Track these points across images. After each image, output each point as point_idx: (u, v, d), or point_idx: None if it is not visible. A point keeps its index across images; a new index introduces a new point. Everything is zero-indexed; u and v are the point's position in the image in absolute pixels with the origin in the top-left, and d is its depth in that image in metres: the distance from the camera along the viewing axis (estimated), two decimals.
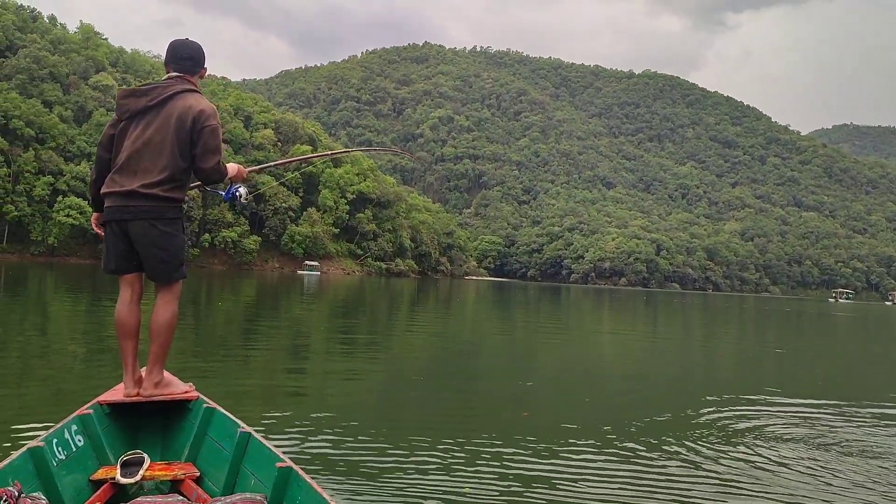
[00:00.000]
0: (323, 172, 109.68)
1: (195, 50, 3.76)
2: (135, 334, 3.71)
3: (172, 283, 3.74)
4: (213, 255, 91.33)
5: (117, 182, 3.51)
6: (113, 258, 3.65)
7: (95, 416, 3.47)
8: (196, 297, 30.95)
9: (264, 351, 12.50)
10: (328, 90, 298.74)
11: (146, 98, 3.54)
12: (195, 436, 3.59)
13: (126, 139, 3.55)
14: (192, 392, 3.80)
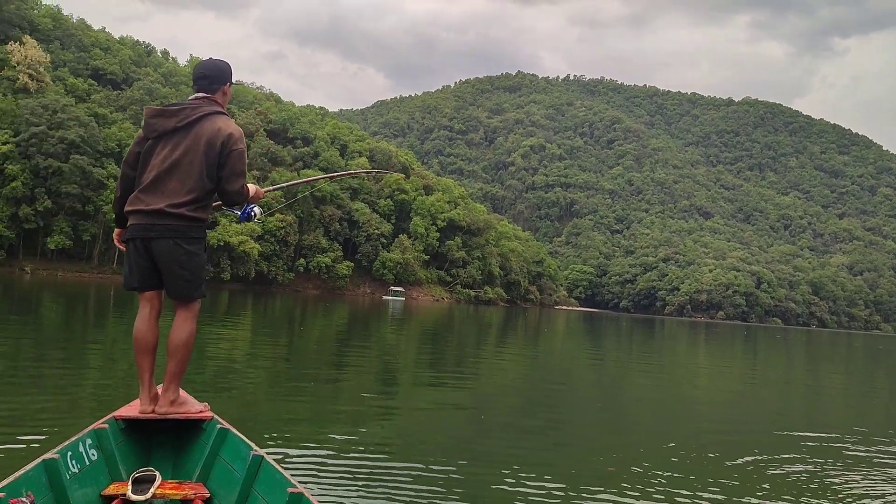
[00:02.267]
0: (414, 200, 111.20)
1: (211, 69, 3.81)
2: (152, 351, 3.71)
3: (192, 302, 3.72)
4: (307, 279, 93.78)
5: (143, 200, 3.54)
6: (136, 275, 3.64)
7: (110, 430, 3.47)
8: (290, 319, 31.76)
9: (351, 376, 12.61)
10: (421, 119, 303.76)
11: (175, 119, 3.59)
12: (207, 456, 3.57)
13: (153, 158, 3.59)
14: (206, 412, 3.78)
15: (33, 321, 20.04)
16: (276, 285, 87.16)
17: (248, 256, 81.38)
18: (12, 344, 13.73)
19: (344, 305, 54.59)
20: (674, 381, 17.35)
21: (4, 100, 74.34)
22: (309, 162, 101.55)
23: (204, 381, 10.15)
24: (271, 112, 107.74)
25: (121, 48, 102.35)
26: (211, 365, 12.49)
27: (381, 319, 38.10)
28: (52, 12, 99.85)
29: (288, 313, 36.73)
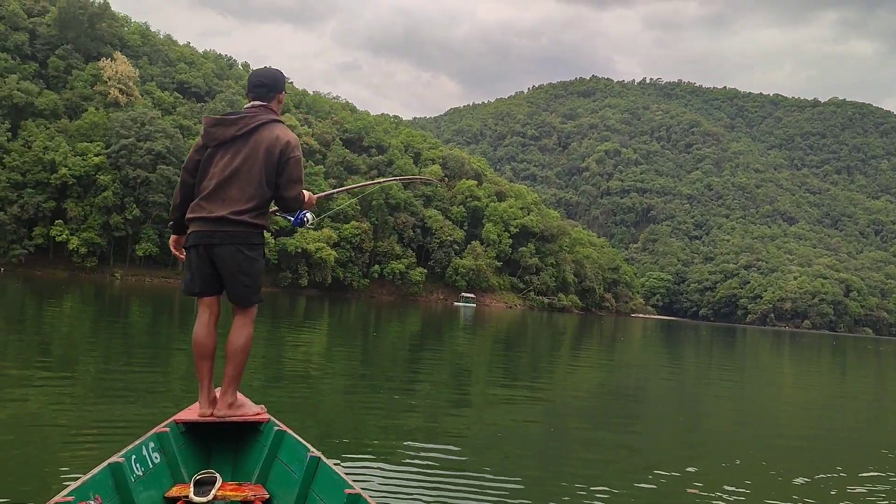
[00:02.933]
0: (487, 207, 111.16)
1: (267, 77, 3.90)
2: (211, 355, 3.78)
3: (251, 307, 3.79)
4: (381, 285, 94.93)
5: (205, 208, 3.61)
6: (197, 281, 3.71)
7: (171, 434, 3.53)
8: (365, 325, 32.17)
9: (421, 383, 12.65)
10: (494, 126, 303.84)
11: (234, 127, 3.65)
12: (265, 458, 3.61)
13: (213, 166, 3.66)
14: (263, 414, 3.83)
15: (122, 324, 20.92)
16: (351, 291, 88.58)
17: (325, 263, 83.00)
18: (103, 346, 14.37)
19: (417, 312, 54.98)
20: (756, 395, 16.74)
21: (97, 113, 78.09)
22: (383, 170, 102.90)
23: (277, 385, 10.37)
24: (347, 121, 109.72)
25: (204, 62, 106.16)
26: (287, 369, 12.75)
27: (453, 326, 38.18)
28: (140, 29, 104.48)
29: (362, 319, 37.22)
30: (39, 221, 71.08)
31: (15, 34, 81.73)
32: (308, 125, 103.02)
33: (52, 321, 19.56)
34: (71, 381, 9.36)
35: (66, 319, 20.97)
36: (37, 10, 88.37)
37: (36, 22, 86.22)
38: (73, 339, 15.44)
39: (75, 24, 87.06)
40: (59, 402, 7.68)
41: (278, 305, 43.86)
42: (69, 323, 19.90)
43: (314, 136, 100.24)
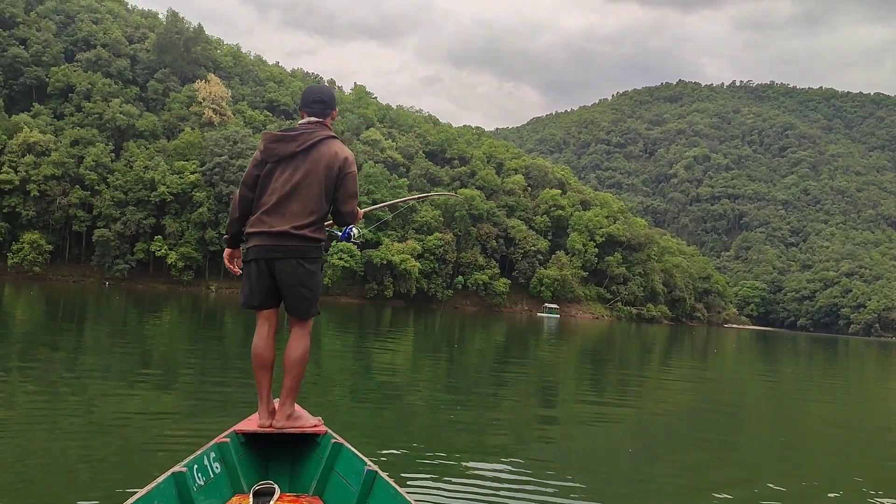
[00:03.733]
0: (571, 216, 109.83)
1: (326, 94, 3.98)
2: (270, 367, 3.85)
3: (308, 320, 3.86)
4: (465, 296, 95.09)
5: (266, 223, 3.68)
6: (257, 294, 3.78)
7: (232, 444, 3.59)
8: (449, 336, 32.25)
9: (504, 396, 12.52)
10: (578, 134, 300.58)
11: (294, 143, 3.73)
12: (322, 470, 3.64)
13: (273, 182, 3.72)
14: (320, 426, 3.86)
15: (217, 336, 21.67)
16: (435, 302, 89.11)
17: (409, 274, 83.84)
18: (199, 356, 14.90)
19: (500, 323, 54.74)
20: (864, 413, 15.81)
21: (192, 133, 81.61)
22: (466, 181, 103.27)
23: (362, 396, 10.47)
24: (429, 134, 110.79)
25: (292, 80, 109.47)
26: (371, 380, 12.88)
27: (537, 338, 37.80)
28: (232, 51, 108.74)
29: (446, 330, 37.34)
30: (141, 237, 74.67)
31: (117, 60, 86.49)
32: (392, 139, 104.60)
33: (152, 333, 20.44)
34: (167, 389, 9.72)
35: (164, 331, 21.88)
36: (137, 37, 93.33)
37: (136, 48, 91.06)
38: (171, 350, 16.08)
39: (172, 48, 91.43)
40: (156, 410, 7.97)
41: (364, 316, 44.58)
42: (168, 334, 20.76)
43: (398, 149, 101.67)
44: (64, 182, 71.77)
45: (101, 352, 14.72)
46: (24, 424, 6.73)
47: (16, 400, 8.16)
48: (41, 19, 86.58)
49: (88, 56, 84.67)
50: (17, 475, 5.05)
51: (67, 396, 8.64)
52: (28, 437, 6.27)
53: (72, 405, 8.04)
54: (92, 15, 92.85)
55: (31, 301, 33.42)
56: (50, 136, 73.42)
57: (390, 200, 5.75)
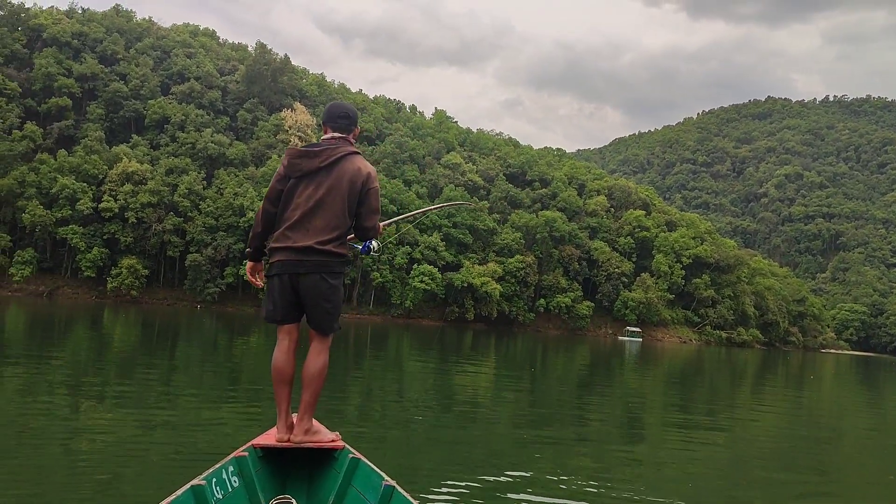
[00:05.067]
0: (657, 237, 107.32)
1: (350, 110, 4.01)
2: (290, 381, 3.87)
3: (329, 335, 3.87)
4: (547, 319, 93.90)
5: (290, 238, 3.70)
6: (280, 309, 3.79)
7: (250, 458, 3.60)
8: (532, 359, 31.84)
9: (593, 418, 12.18)
10: (662, 154, 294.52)
11: (318, 159, 3.75)
12: (340, 485, 3.64)
13: (298, 197, 3.75)
14: (338, 441, 3.85)
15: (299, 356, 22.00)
16: (517, 325, 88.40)
17: (490, 297, 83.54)
18: None
19: (583, 346, 53.78)
20: None
21: (279, 161, 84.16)
22: (547, 203, 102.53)
23: (443, 417, 10.36)
24: (510, 156, 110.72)
25: (375, 107, 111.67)
26: (455, 402, 12.77)
27: (620, 362, 36.89)
28: (317, 80, 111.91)
29: (528, 353, 36.91)
30: (230, 261, 77.18)
31: (209, 92, 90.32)
32: (472, 162, 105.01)
33: (239, 353, 20.98)
34: (252, 406, 9.87)
35: (251, 351, 22.42)
36: (228, 70, 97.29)
37: (227, 80, 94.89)
38: (257, 372, 16.42)
39: (260, 79, 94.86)
40: (240, 422, 8.08)
41: (446, 339, 44.59)
42: (254, 355, 21.26)
43: (478, 172, 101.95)
44: (159, 209, 75.08)
45: (192, 371, 15.16)
46: (121, 431, 6.92)
47: (114, 411, 8.44)
48: (139, 55, 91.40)
49: (182, 89, 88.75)
50: (114, 477, 5.15)
51: (159, 411, 8.88)
52: (123, 442, 6.44)
53: (164, 418, 8.25)
54: (186, 50, 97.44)
55: (128, 324, 34.94)
56: (147, 165, 77.09)
57: (406, 213, 5.75)
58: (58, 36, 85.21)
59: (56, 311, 41.31)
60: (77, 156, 74.82)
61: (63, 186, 70.44)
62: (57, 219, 70.25)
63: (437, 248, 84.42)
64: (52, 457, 6.28)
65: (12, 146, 72.29)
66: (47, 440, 6.87)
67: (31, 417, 8.10)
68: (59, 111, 79.84)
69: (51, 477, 5.64)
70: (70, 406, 9.18)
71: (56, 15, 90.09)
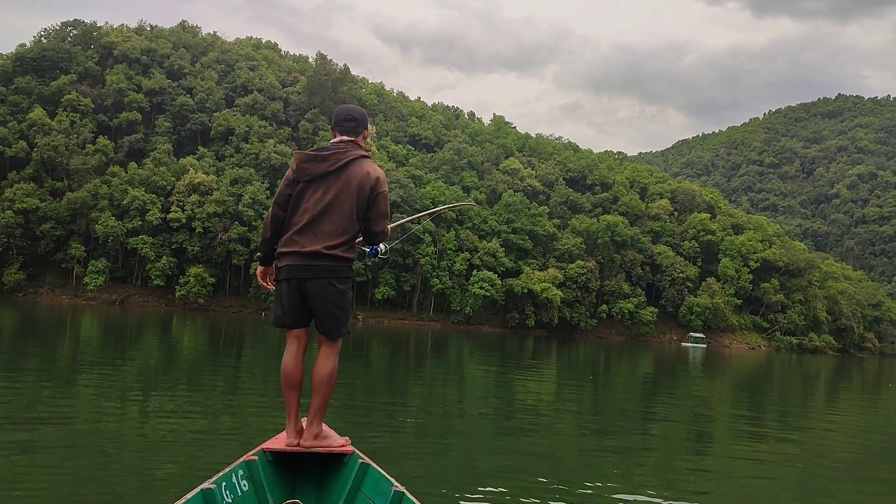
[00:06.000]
0: (722, 241, 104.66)
1: (357, 113, 3.98)
2: (299, 386, 3.86)
3: (338, 339, 3.87)
4: (610, 325, 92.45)
5: (298, 242, 3.70)
6: (288, 314, 3.79)
7: (260, 462, 3.61)
8: (594, 366, 31.37)
9: (657, 429, 11.86)
10: (727, 156, 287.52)
11: (327, 163, 3.74)
12: (349, 490, 3.64)
13: (305, 201, 3.74)
14: (347, 446, 3.85)
15: (363, 362, 22.19)
16: (578, 332, 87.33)
17: (551, 303, 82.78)
18: (347, 382, 15.23)
19: (646, 353, 52.76)
20: None
21: None
22: (608, 207, 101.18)
23: (505, 426, 10.22)
24: (570, 161, 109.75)
25: (433, 114, 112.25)
26: (515, 409, 12.62)
27: (686, 369, 36.01)
28: (377, 89, 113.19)
29: (590, 360, 36.39)
30: None
31: (272, 103, 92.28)
32: (531, 167, 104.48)
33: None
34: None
35: (314, 359, 22.67)
36: (289, 81, 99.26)
37: (289, 91, 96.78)
38: None
39: (321, 89, 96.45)
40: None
41: (506, 346, 44.34)
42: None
43: (537, 177, 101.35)
44: (225, 219, 76.90)
45: (256, 378, 15.41)
46: (189, 438, 7.04)
47: (182, 418, 8.60)
48: (205, 69, 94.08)
49: (246, 101, 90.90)
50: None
51: (224, 417, 9.01)
52: (192, 449, 6.53)
53: (229, 425, 8.36)
54: (249, 62, 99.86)
55: (195, 331, 35.84)
56: (212, 176, 79.11)
57: (414, 216, 5.68)
58: (128, 53, 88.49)
59: (127, 319, 42.70)
60: (146, 168, 77.36)
61: (133, 198, 72.87)
62: (128, 229, 72.68)
63: (497, 254, 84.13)
64: (124, 461, 6.41)
65: (86, 160, 75.22)
66: (118, 443, 7.03)
67: (103, 423, 8.31)
68: (130, 125, 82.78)
69: (121, 481, 5.75)
70: (140, 412, 9.41)
71: (126, 32, 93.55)
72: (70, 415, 8.66)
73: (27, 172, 74.57)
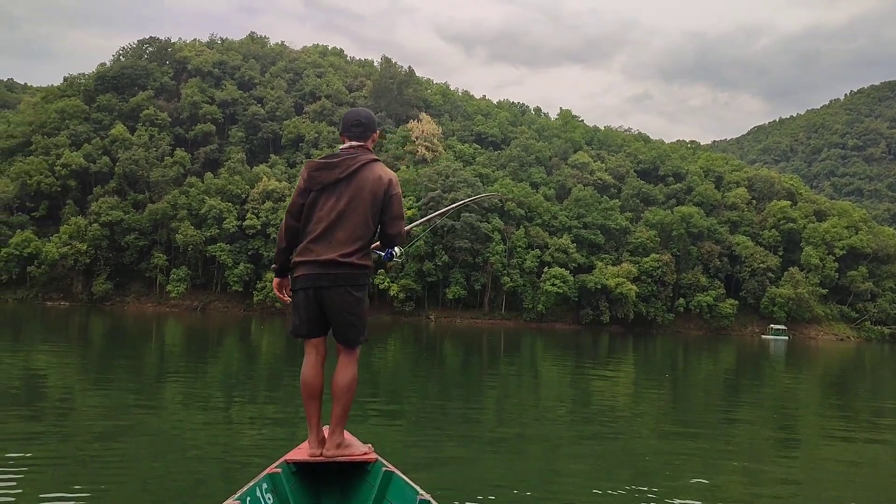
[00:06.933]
0: (804, 228, 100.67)
1: (365, 117, 3.97)
2: (319, 395, 3.84)
3: (356, 347, 3.84)
4: (688, 319, 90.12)
5: (314, 251, 3.69)
6: (305, 323, 3.79)
7: (283, 474, 3.60)
8: (673, 362, 30.61)
9: (743, 429, 11.42)
10: (807, 140, 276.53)
11: (338, 170, 3.74)
12: (374, 499, 3.59)
13: (319, 210, 3.73)
14: (371, 454, 3.81)
15: (438, 364, 22.23)
16: (655, 327, 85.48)
17: (626, 298, 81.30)
18: (421, 383, 15.25)
19: (728, 347, 51.19)
20: None
21: (408, 171, 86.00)
22: (682, 198, 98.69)
23: (583, 426, 10.00)
24: (640, 152, 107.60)
25: (499, 112, 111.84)
26: (592, 410, 12.36)
27: (770, 363, 34.74)
28: (441, 89, 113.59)
29: (669, 356, 35.53)
30: None
31: (340, 109, 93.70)
32: (601, 160, 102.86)
33: (378, 361, 21.40)
34: (398, 416, 9.94)
35: (390, 359, 22.85)
36: (356, 86, 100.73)
37: (356, 96, 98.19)
38: (396, 378, 16.67)
39: (387, 93, 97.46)
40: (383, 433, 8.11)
41: (581, 343, 43.77)
42: (393, 361, 21.65)
43: (607, 170, 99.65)
44: None
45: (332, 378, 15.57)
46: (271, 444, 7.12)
47: (265, 425, 8.72)
48: (274, 79, 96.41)
49: (314, 108, 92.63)
50: None
51: (303, 424, 9.10)
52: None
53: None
54: (316, 70, 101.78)
55: (273, 334, 36.67)
56: (285, 183, 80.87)
57: (426, 216, 5.56)
58: (201, 66, 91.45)
59: (208, 325, 44.04)
60: (222, 177, 79.73)
61: (210, 207, 75.21)
62: (206, 237, 75.05)
63: (568, 249, 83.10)
64: (207, 469, 6.52)
65: (165, 172, 78.11)
66: (203, 452, 7.17)
67: (188, 430, 8.51)
68: (205, 136, 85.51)
69: (206, 488, 5.84)
70: (224, 420, 9.60)
71: (198, 47, 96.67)
72: (155, 423, 8.91)
73: (111, 186, 77.88)
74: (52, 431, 7.98)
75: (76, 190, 78.05)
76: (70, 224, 73.69)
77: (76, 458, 6.68)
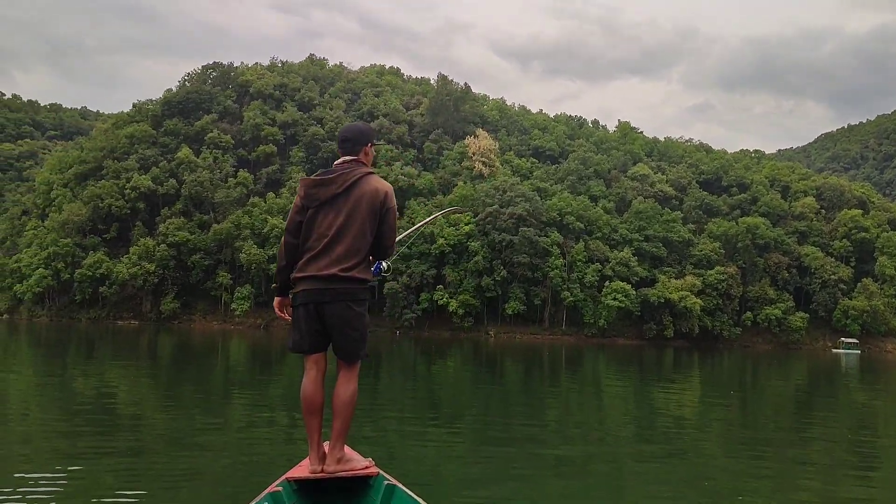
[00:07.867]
0: (878, 237, 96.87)
1: (353, 132, 3.95)
2: (320, 411, 3.82)
3: (356, 362, 3.84)
4: (756, 333, 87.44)
5: (314, 267, 3.70)
6: (306, 339, 3.78)
7: (285, 492, 3.57)
8: (741, 378, 29.73)
9: (816, 448, 10.98)
10: (878, 147, 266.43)
11: (334, 186, 3.74)
12: None
13: (318, 226, 3.74)
14: (372, 468, 3.79)
15: (499, 381, 22.08)
16: (721, 341, 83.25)
17: (690, 312, 79.50)
18: (483, 401, 15.15)
19: (799, 362, 49.49)
20: None
21: (465, 187, 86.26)
22: (747, 209, 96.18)
23: (645, 450, 9.76)
24: (702, 163, 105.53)
25: (556, 125, 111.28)
26: (657, 429, 12.08)
27: (843, 379, 33.41)
28: (498, 105, 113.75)
29: (736, 372, 34.52)
30: (424, 288, 79.87)
31: (397, 127, 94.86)
32: (661, 172, 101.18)
33: (439, 377, 21.42)
34: (458, 434, 9.88)
35: (450, 376, 22.81)
36: (413, 104, 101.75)
37: (413, 114, 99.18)
38: (457, 395, 16.60)
39: (443, 110, 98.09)
40: (434, 449, 8.07)
41: (644, 359, 42.95)
42: (454, 379, 21.59)
43: (668, 182, 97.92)
44: None
45: (394, 394, 15.62)
46: None
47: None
48: (333, 99, 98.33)
49: (373, 126, 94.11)
50: None
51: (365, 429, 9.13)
52: None
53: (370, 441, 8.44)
54: (374, 89, 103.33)
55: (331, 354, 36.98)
56: None
57: (415, 226, 5.46)
58: (262, 89, 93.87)
59: (272, 342, 44.81)
60: (283, 197, 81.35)
61: (273, 226, 76.76)
62: (269, 256, 76.52)
63: (630, 263, 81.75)
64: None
65: (228, 193, 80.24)
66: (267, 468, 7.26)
67: (255, 444, 8.63)
68: (266, 157, 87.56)
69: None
70: (286, 438, 9.71)
71: (259, 70, 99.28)
72: (221, 440, 9.06)
73: (177, 208, 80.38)
74: (124, 447, 8.20)
75: (144, 212, 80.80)
76: (139, 245, 76.25)
77: (146, 473, 6.83)
